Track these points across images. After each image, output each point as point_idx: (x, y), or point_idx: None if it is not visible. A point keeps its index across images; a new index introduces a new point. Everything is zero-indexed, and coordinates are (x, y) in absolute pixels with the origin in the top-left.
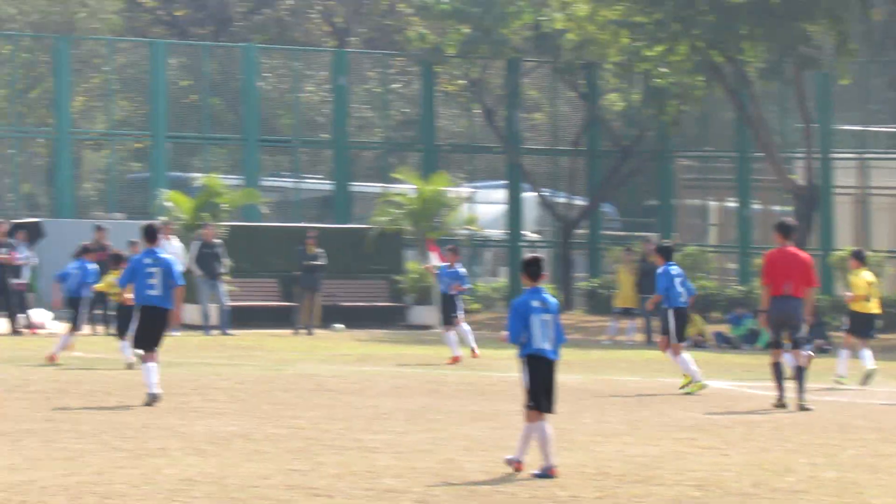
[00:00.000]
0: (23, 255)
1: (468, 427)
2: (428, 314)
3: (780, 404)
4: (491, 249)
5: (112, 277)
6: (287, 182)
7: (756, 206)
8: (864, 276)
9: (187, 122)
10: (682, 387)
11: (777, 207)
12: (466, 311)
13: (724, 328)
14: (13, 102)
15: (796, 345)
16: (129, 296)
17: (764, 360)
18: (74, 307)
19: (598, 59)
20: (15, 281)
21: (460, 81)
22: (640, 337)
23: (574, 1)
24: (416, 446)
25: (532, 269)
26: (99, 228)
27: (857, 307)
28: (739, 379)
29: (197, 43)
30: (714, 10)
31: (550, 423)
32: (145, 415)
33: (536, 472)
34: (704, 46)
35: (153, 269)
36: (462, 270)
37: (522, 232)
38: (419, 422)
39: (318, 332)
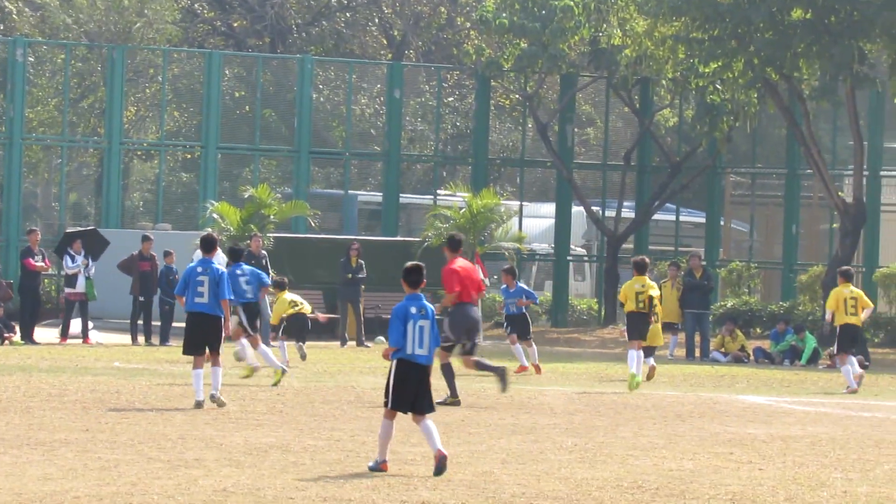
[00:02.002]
0: (75, 264)
1: (506, 440)
2: None
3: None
4: (537, 263)
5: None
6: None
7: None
8: (844, 293)
9: (239, 134)
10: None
11: (825, 225)
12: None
13: (766, 344)
14: (65, 112)
15: (469, 351)
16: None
17: (804, 377)
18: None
19: (654, 75)
20: (70, 290)
21: (515, 96)
22: (680, 352)
23: (632, 17)
24: (452, 458)
25: (412, 276)
26: (146, 238)
27: (839, 320)
28: (778, 394)
29: (253, 54)
30: (771, 27)
31: (434, 420)
32: (183, 425)
33: (371, 463)
34: (760, 63)
35: (202, 278)
36: (524, 286)
37: (570, 246)
38: (457, 434)
39: (352, 343)
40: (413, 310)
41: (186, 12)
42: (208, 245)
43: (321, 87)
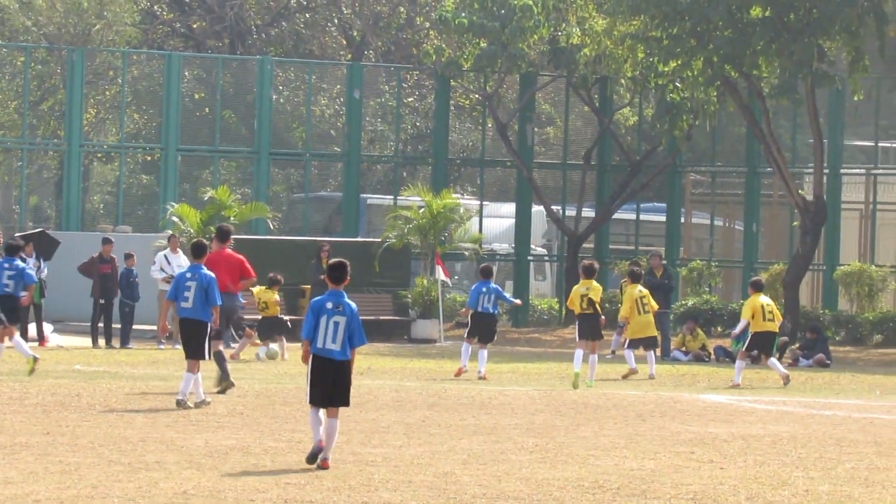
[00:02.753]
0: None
1: (467, 441)
2: (432, 328)
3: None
4: (497, 263)
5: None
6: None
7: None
8: (760, 301)
9: (198, 135)
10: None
11: (785, 224)
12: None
13: (726, 342)
14: (24, 115)
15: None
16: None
17: (764, 375)
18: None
19: (613, 74)
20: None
21: (474, 96)
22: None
23: (591, 16)
24: (413, 460)
25: (334, 273)
26: (107, 241)
27: (757, 327)
28: (739, 393)
29: (212, 56)
30: (730, 25)
31: (341, 417)
32: (143, 428)
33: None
34: (719, 62)
35: (190, 284)
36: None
37: (531, 246)
38: (418, 435)
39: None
40: (329, 305)
41: (146, 14)
42: (197, 250)
43: (281, 88)
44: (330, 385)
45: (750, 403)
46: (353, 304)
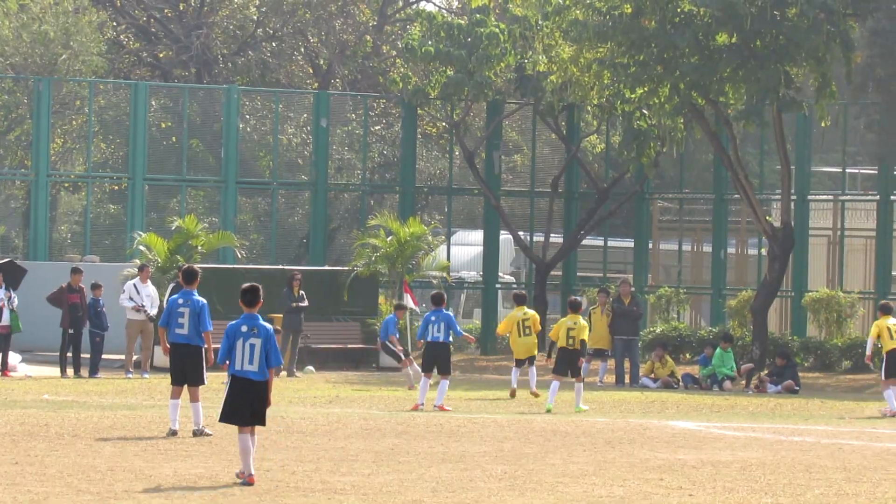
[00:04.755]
0: None
1: (435, 469)
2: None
3: None
4: (465, 291)
5: None
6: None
7: (731, 248)
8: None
9: (165, 164)
10: None
11: (753, 251)
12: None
13: (695, 369)
14: None
15: None
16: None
17: (733, 402)
18: None
19: (580, 102)
20: None
21: (442, 124)
22: (610, 378)
23: (558, 43)
24: (382, 487)
25: (247, 297)
26: (76, 271)
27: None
28: (708, 419)
29: (179, 85)
30: (697, 52)
31: (258, 435)
32: (112, 457)
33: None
34: (686, 88)
35: (183, 310)
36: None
37: (499, 274)
38: (387, 463)
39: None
40: (244, 328)
41: (112, 44)
42: (188, 277)
43: (248, 116)
44: (249, 405)
45: (719, 430)
46: (269, 326)
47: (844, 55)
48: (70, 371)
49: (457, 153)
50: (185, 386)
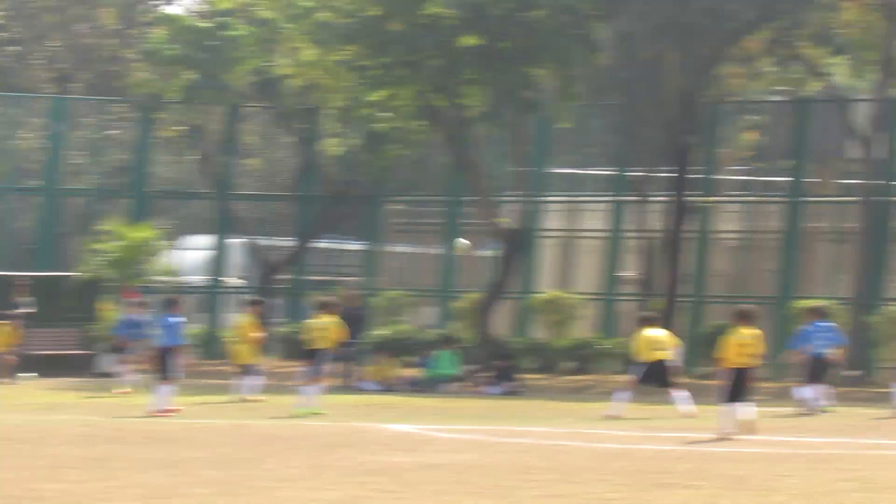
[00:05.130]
0: None
1: (149, 474)
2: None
3: None
4: (191, 296)
5: None
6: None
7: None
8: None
9: None
10: None
11: (487, 252)
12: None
13: (419, 372)
14: None
15: None
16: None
17: (455, 404)
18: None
19: (321, 105)
20: None
21: (180, 127)
22: (336, 381)
23: (302, 46)
24: (92, 495)
25: None
26: None
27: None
28: (427, 422)
29: None
30: (441, 54)
31: None
32: None
33: None
34: (429, 91)
35: None
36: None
37: (224, 278)
38: (100, 470)
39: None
40: None
41: None
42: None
43: None
44: None
45: (438, 433)
46: None
47: (587, 57)
48: None
49: (193, 157)
50: None
